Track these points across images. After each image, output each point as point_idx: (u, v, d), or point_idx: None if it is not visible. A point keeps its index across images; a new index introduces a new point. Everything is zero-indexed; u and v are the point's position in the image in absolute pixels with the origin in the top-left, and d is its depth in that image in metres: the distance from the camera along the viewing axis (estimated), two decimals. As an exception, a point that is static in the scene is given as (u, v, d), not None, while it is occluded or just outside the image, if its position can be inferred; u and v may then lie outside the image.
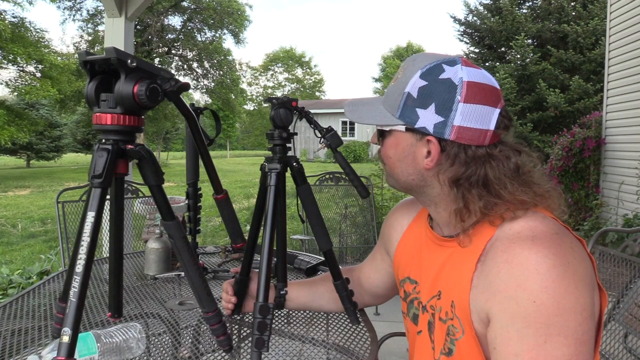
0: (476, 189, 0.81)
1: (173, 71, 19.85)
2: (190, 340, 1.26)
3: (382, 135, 0.90)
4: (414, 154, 0.85)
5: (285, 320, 1.34)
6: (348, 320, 1.24)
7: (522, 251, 0.74)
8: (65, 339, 0.69)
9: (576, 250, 0.75)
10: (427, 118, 0.81)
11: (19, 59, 14.91)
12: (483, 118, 0.81)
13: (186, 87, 0.81)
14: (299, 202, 1.11)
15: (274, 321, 1.19)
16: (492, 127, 0.81)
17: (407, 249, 1.02)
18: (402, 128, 0.84)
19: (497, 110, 0.82)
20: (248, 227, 1.23)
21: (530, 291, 0.71)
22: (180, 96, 0.82)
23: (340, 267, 1.15)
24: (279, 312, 1.36)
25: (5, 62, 15.36)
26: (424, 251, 0.95)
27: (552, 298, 0.70)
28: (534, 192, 0.81)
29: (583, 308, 0.71)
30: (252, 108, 40.37)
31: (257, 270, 1.01)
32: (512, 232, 0.78)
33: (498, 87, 0.84)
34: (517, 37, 10.19)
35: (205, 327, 1.27)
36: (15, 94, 17.24)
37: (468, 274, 0.81)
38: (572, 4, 10.95)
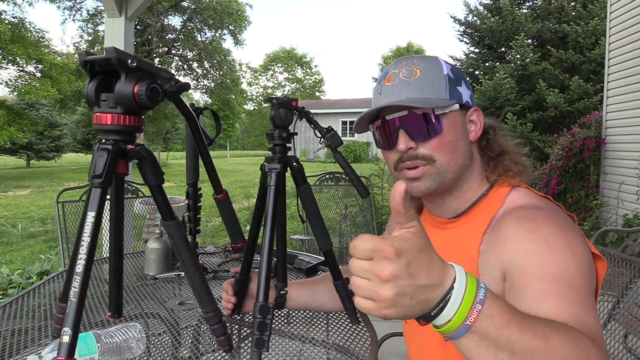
0: (498, 146, 0.92)
1: (173, 71, 19.82)
2: (190, 340, 1.26)
3: (438, 121, 0.86)
4: (466, 130, 0.91)
5: (285, 320, 1.34)
6: (348, 320, 1.24)
7: (529, 213, 0.81)
8: (66, 339, 0.69)
9: (573, 223, 0.82)
10: (465, 93, 0.90)
11: (18, 59, 14.90)
12: None
13: (186, 87, 0.81)
14: (299, 202, 1.11)
15: (274, 321, 1.18)
16: None
17: None
18: (457, 106, 0.88)
19: None
20: (248, 227, 1.23)
21: (542, 233, 0.75)
22: (180, 96, 0.82)
23: (340, 267, 1.15)
24: (279, 312, 1.36)
25: (5, 62, 15.35)
26: None
27: (563, 239, 0.74)
28: (521, 153, 0.94)
29: (588, 260, 0.75)
30: (252, 108, 40.37)
31: (257, 270, 1.01)
32: (517, 205, 0.85)
33: None
34: (517, 37, 10.18)
35: (205, 327, 1.27)
36: (15, 93, 17.23)
37: (474, 246, 0.85)
38: (572, 4, 10.95)
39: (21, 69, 15.92)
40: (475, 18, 11.97)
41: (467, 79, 0.95)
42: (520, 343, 0.54)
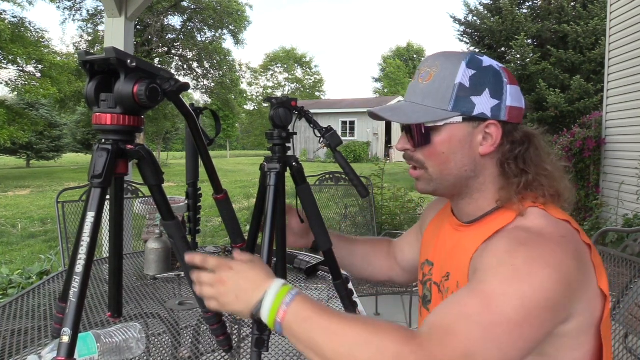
0: (523, 165, 0.86)
1: (173, 71, 19.84)
2: (190, 340, 1.26)
3: (427, 133, 0.85)
4: (471, 143, 0.86)
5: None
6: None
7: (525, 236, 0.78)
8: (65, 339, 0.69)
9: (576, 258, 0.76)
10: (483, 104, 0.84)
11: (18, 59, 14.90)
12: (520, 97, 0.88)
13: (186, 87, 0.81)
14: (298, 201, 1.11)
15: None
16: (524, 104, 0.89)
17: (430, 233, 1.05)
18: (459, 119, 0.84)
19: (519, 89, 0.89)
20: (248, 227, 1.23)
21: (515, 257, 0.74)
22: (180, 96, 0.82)
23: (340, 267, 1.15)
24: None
25: (5, 62, 15.35)
26: (441, 235, 0.99)
27: (531, 272, 0.72)
28: (558, 177, 0.87)
29: (552, 301, 0.71)
30: (252, 108, 40.35)
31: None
32: (523, 225, 0.82)
33: None
34: (517, 37, 10.19)
35: (205, 327, 1.27)
36: (15, 93, 17.23)
37: (469, 255, 0.84)
38: (572, 4, 10.95)
39: (21, 69, 15.92)
40: (475, 18, 11.97)
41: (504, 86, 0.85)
42: (314, 335, 0.71)
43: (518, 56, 10.46)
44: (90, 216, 0.74)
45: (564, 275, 0.72)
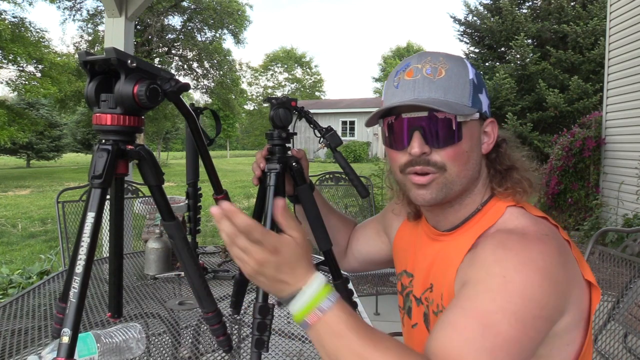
0: (508, 161, 0.86)
1: (173, 71, 19.84)
2: (190, 340, 1.26)
3: (458, 130, 0.80)
4: (480, 140, 0.85)
5: (286, 320, 1.34)
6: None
7: (510, 239, 0.76)
8: (65, 339, 0.70)
9: (561, 255, 0.75)
10: (484, 101, 0.85)
11: (19, 58, 14.90)
12: None
13: (186, 87, 0.81)
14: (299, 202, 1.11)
15: (274, 321, 1.19)
16: None
17: (403, 242, 1.03)
18: (477, 115, 0.82)
19: None
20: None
21: (504, 267, 0.72)
22: (180, 96, 0.82)
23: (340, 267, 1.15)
24: (279, 312, 1.37)
25: (5, 62, 15.35)
26: (418, 245, 0.96)
27: (521, 281, 0.70)
28: (527, 167, 0.87)
29: (544, 308, 0.70)
30: (252, 108, 40.35)
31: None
32: (506, 228, 0.81)
33: None
34: (517, 37, 10.20)
35: (205, 327, 1.27)
36: (15, 93, 17.22)
37: (455, 264, 0.82)
38: (572, 4, 10.95)
39: (21, 68, 15.92)
40: (475, 18, 11.98)
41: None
42: (342, 355, 0.65)
43: (518, 56, 10.47)
44: (91, 216, 0.74)
45: (553, 277, 0.72)
